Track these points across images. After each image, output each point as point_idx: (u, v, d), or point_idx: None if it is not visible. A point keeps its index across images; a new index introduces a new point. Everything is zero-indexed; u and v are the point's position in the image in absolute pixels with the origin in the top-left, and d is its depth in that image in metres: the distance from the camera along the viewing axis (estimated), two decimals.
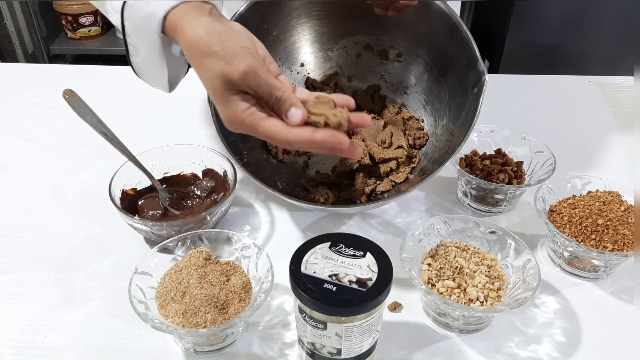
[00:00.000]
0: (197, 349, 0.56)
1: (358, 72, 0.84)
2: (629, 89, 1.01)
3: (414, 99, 0.81)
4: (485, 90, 0.64)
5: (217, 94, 0.52)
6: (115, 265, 0.66)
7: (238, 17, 0.70)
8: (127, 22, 0.55)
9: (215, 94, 0.52)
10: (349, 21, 0.79)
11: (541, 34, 1.83)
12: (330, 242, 0.51)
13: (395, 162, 0.74)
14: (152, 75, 0.60)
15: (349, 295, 0.46)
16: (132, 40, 0.57)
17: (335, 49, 0.83)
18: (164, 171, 0.73)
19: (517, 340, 0.57)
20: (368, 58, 0.83)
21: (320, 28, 0.80)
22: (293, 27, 0.79)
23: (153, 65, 0.58)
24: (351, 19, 0.79)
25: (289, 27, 0.79)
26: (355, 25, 0.80)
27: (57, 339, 0.57)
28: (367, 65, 0.83)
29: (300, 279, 0.48)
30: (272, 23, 0.77)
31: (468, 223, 0.63)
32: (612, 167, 0.82)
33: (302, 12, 0.78)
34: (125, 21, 0.55)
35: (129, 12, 0.54)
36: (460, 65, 0.70)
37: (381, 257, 0.50)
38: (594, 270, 0.64)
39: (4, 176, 0.80)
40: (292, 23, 0.79)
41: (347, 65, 0.84)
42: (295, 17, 0.78)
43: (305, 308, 0.48)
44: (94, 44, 2.39)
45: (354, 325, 0.47)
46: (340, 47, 0.82)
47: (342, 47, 0.82)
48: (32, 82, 1.02)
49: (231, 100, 0.51)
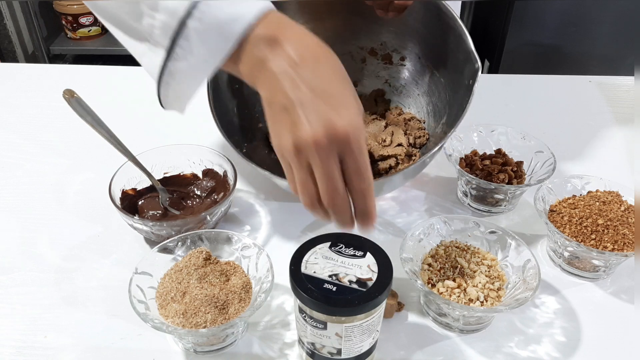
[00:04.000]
0: (197, 349, 0.56)
1: (363, 77, 0.84)
2: (629, 89, 1.01)
3: (416, 101, 0.81)
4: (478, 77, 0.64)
5: (350, 85, 0.48)
6: (115, 265, 0.66)
7: None
8: (197, 21, 0.46)
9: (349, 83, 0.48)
10: (351, 25, 0.79)
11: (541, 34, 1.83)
12: (330, 242, 0.51)
13: (395, 159, 0.74)
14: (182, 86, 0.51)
15: (349, 295, 0.46)
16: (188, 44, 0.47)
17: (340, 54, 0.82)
18: (164, 171, 0.73)
19: (517, 340, 0.57)
20: (373, 63, 0.83)
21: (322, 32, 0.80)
22: None
23: (196, 72, 0.49)
24: (353, 22, 0.79)
25: None
26: (357, 29, 0.80)
27: (57, 339, 0.57)
28: (372, 70, 0.83)
29: (300, 279, 0.48)
30: None
31: (468, 223, 0.63)
32: (612, 167, 0.82)
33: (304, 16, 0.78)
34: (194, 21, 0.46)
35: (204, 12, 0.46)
36: (457, 61, 0.70)
37: (381, 257, 0.50)
38: (594, 270, 0.64)
39: (4, 176, 0.80)
40: None
41: (352, 71, 0.83)
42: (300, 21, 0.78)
43: (305, 308, 0.48)
44: (94, 44, 2.39)
45: (354, 325, 0.47)
46: (345, 52, 0.82)
47: (347, 52, 0.82)
48: (32, 82, 1.02)
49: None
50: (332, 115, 0.44)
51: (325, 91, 0.46)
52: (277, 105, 0.46)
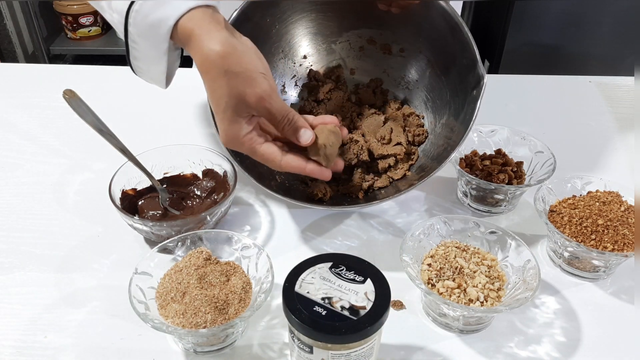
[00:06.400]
0: (197, 349, 0.56)
1: (361, 65, 0.84)
2: (629, 89, 1.01)
3: (415, 94, 0.81)
4: (484, 92, 0.64)
5: (225, 113, 0.54)
6: (115, 265, 0.66)
7: (240, 12, 0.70)
8: (132, 27, 0.55)
9: (223, 111, 0.54)
10: (353, 15, 0.79)
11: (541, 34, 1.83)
12: (332, 263, 0.49)
13: (394, 158, 0.74)
14: (151, 74, 0.61)
15: (337, 322, 0.44)
16: (135, 44, 0.57)
17: (338, 41, 0.83)
18: (164, 171, 0.73)
19: (517, 340, 0.57)
20: (371, 51, 0.83)
21: (323, 21, 0.80)
22: (296, 20, 0.79)
23: (153, 64, 0.59)
24: (354, 12, 0.79)
25: (292, 20, 0.79)
26: (358, 19, 0.80)
27: (57, 339, 0.57)
28: (370, 58, 0.83)
29: (291, 297, 0.46)
30: (274, 16, 0.77)
31: (468, 223, 0.63)
32: (612, 167, 0.82)
33: (304, 5, 0.78)
34: (130, 26, 0.55)
35: (135, 18, 0.54)
36: (461, 66, 0.70)
37: (381, 286, 0.47)
38: (594, 271, 0.64)
39: (4, 176, 0.80)
40: (294, 16, 0.79)
41: (350, 58, 0.84)
42: (297, 10, 0.78)
43: (292, 329, 0.46)
44: (94, 44, 2.39)
45: (341, 354, 0.45)
46: (343, 40, 0.82)
47: (345, 40, 0.82)
48: (32, 82, 1.02)
49: (237, 121, 0.55)
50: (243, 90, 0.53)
51: None
52: None
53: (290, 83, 0.83)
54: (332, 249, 0.68)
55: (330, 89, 0.82)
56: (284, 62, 0.82)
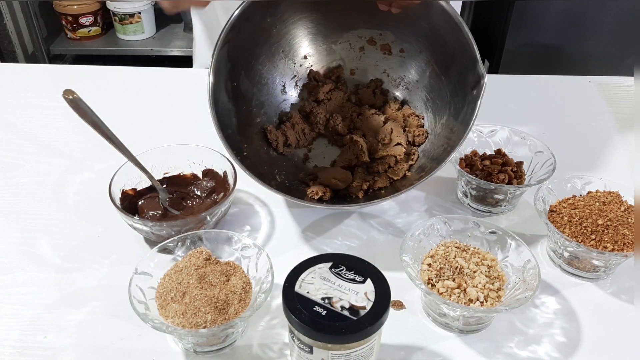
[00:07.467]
0: (197, 349, 0.56)
1: (361, 66, 0.84)
2: (629, 89, 1.01)
3: (415, 95, 0.81)
4: (484, 92, 0.64)
5: None
6: (115, 265, 0.66)
7: (240, 12, 0.70)
8: None
9: None
10: (353, 15, 0.79)
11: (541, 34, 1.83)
12: (332, 263, 0.49)
13: (394, 158, 0.75)
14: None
15: (337, 322, 0.44)
16: None
17: (338, 42, 0.83)
18: (164, 171, 0.73)
19: (517, 341, 0.57)
20: (371, 52, 0.83)
21: (323, 21, 0.80)
22: (297, 21, 0.79)
23: None
24: (354, 13, 0.79)
25: (292, 20, 0.79)
26: (358, 19, 0.80)
27: (57, 339, 0.57)
28: (370, 59, 0.83)
29: (291, 297, 0.46)
30: (275, 16, 0.77)
31: (468, 223, 0.63)
32: (612, 167, 0.82)
33: (305, 6, 0.78)
34: None
35: None
36: (461, 65, 0.70)
37: (381, 287, 0.47)
38: (594, 271, 0.64)
39: (4, 176, 0.80)
40: (295, 16, 0.79)
41: (350, 59, 0.84)
42: (298, 10, 0.78)
43: (292, 328, 0.46)
44: (94, 44, 2.39)
45: (341, 354, 0.45)
46: (343, 40, 0.82)
47: (345, 40, 0.82)
48: (32, 82, 1.02)
49: None
50: None
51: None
52: None
53: (290, 83, 0.83)
54: (332, 249, 0.68)
55: (330, 89, 0.82)
56: (284, 62, 0.82)
